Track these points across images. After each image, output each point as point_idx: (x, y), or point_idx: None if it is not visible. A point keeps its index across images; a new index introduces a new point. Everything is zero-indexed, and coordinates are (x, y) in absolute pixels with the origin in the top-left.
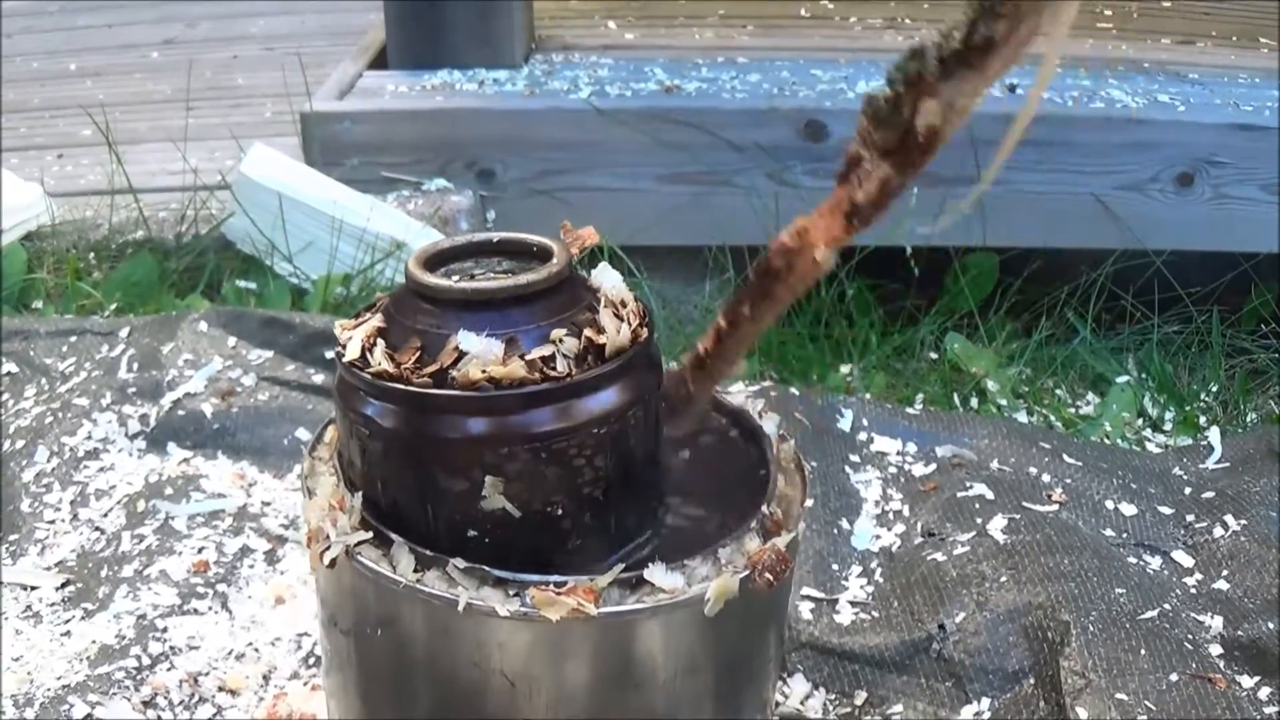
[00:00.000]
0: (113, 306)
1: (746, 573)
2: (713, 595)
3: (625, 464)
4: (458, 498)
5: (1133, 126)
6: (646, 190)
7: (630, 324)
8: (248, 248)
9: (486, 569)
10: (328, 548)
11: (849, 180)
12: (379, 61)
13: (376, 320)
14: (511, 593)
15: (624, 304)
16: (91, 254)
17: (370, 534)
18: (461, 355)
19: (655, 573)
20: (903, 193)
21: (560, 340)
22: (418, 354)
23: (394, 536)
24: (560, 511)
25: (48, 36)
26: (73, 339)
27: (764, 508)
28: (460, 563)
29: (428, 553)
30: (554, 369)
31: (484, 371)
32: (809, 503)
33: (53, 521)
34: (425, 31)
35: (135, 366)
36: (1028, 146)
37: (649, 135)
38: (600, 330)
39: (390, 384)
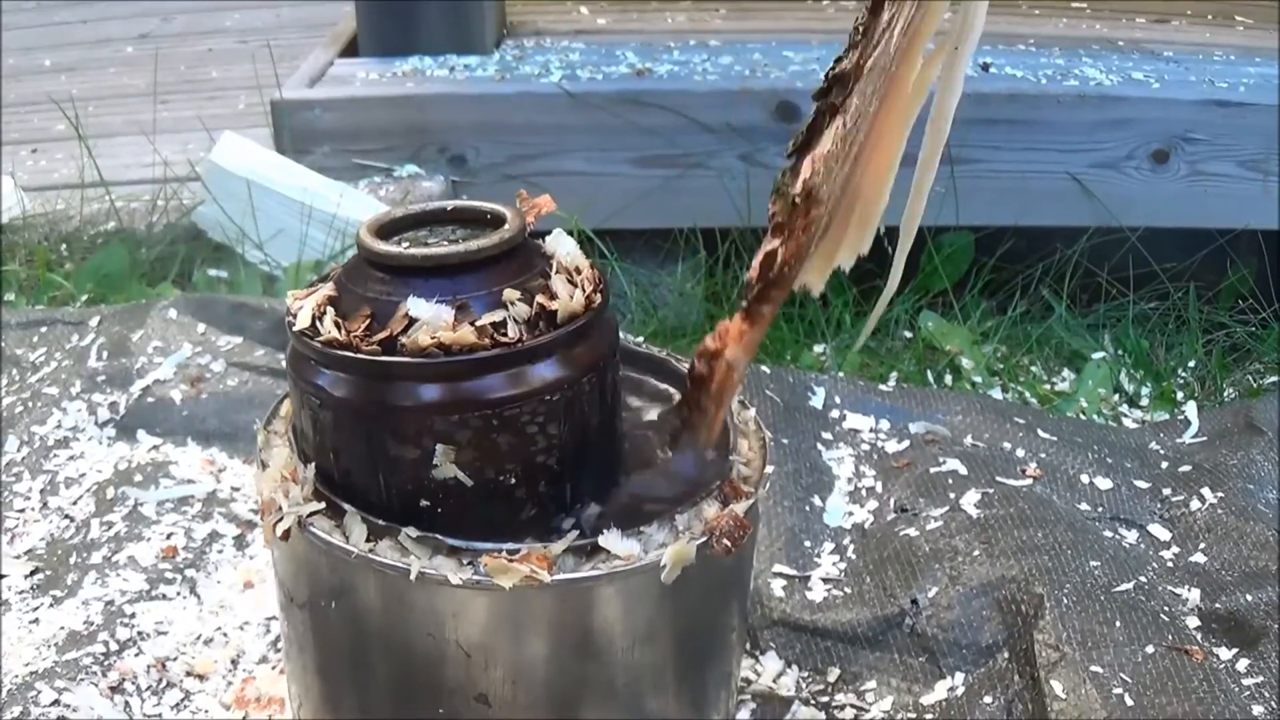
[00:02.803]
0: (84, 297)
1: (704, 539)
2: (669, 562)
3: (580, 432)
4: (409, 466)
5: (1107, 104)
6: (619, 174)
7: (584, 290)
8: (219, 236)
9: (439, 537)
10: (280, 519)
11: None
12: (350, 50)
13: (327, 289)
14: (465, 561)
15: (578, 270)
16: (63, 245)
17: (323, 504)
18: (412, 322)
19: (611, 539)
20: (791, 274)
21: (511, 305)
22: (368, 321)
23: (346, 506)
24: (513, 480)
25: (23, 33)
26: (43, 329)
27: (723, 473)
28: (413, 531)
29: (380, 522)
30: (505, 335)
31: (433, 338)
32: (769, 469)
33: (22, 510)
34: (396, 18)
35: (105, 355)
36: (1002, 125)
37: (621, 119)
38: (553, 296)
39: (340, 352)
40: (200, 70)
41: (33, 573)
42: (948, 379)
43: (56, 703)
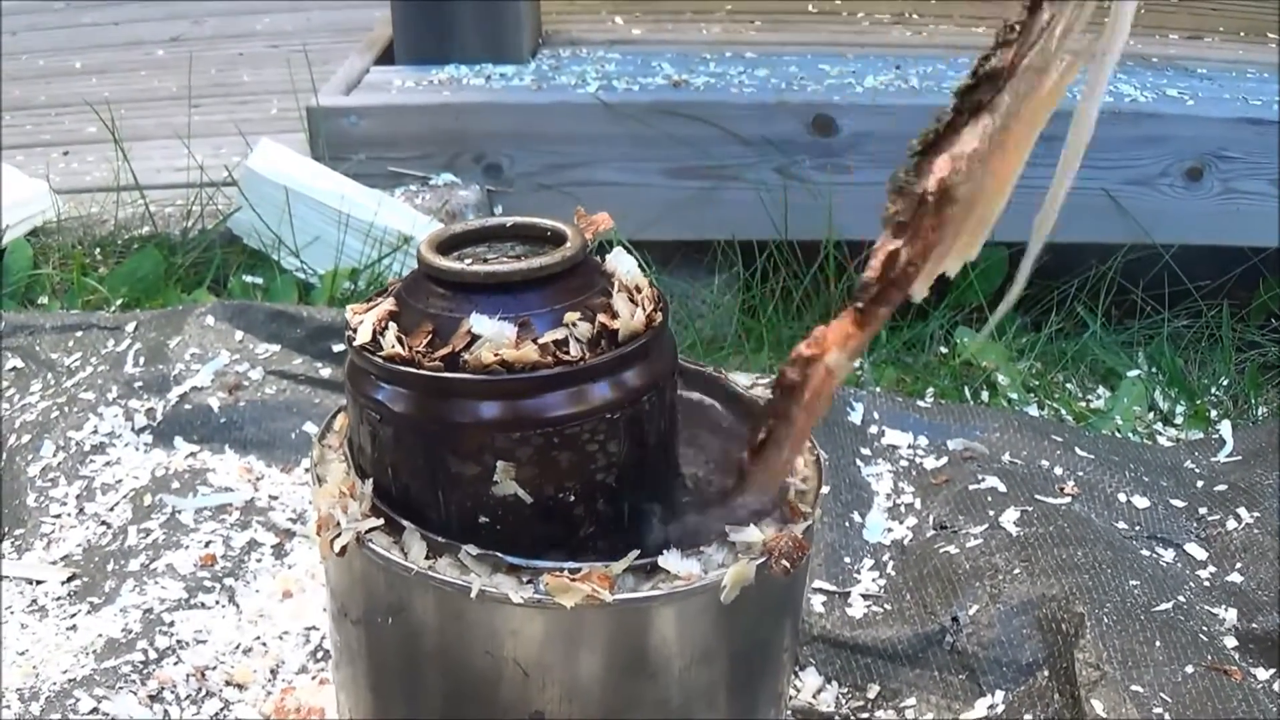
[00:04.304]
0: (118, 301)
1: (763, 559)
2: (729, 582)
3: (639, 451)
4: (469, 483)
5: (1141, 121)
6: (654, 185)
7: (645, 309)
8: (254, 242)
9: (500, 555)
10: (338, 535)
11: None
12: (386, 57)
13: (388, 304)
14: (525, 579)
15: (639, 289)
16: (97, 249)
17: (381, 520)
18: (474, 339)
19: (671, 559)
20: (914, 275)
21: (574, 324)
22: (430, 337)
23: (405, 523)
24: (573, 498)
25: (53, 34)
26: (78, 334)
27: (780, 494)
28: (473, 549)
29: (439, 539)
30: (567, 353)
31: (496, 355)
32: (825, 489)
33: (59, 516)
34: (432, 26)
35: (141, 361)
36: (1037, 141)
37: (656, 129)
38: (614, 315)
39: (402, 368)
40: (231, 74)
41: (70, 579)
42: (984, 395)
43: (95, 711)
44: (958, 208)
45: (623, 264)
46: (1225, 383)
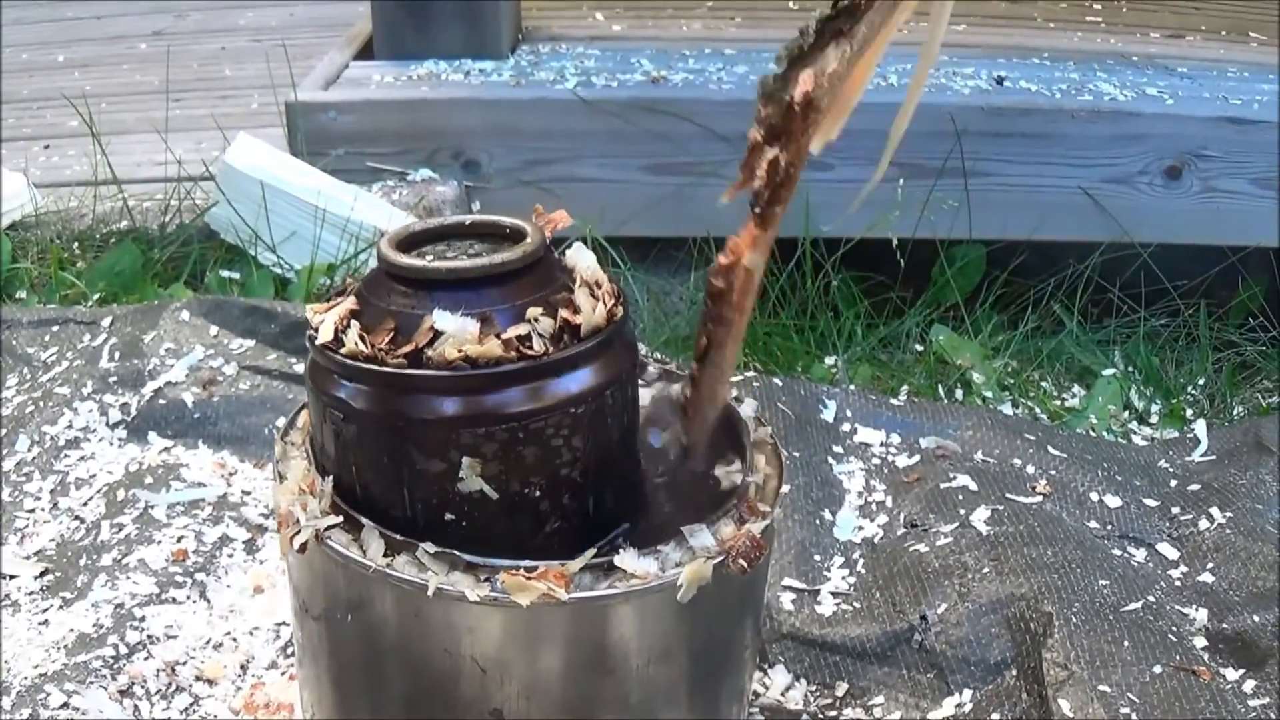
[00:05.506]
0: (96, 296)
1: (720, 558)
2: (686, 581)
3: (602, 445)
4: (435, 480)
5: (1121, 119)
6: (633, 181)
7: (606, 304)
8: (231, 237)
9: (457, 554)
10: (297, 532)
11: (747, 170)
12: (365, 52)
13: (349, 302)
14: (482, 577)
15: (599, 284)
16: (75, 244)
17: (340, 518)
18: (437, 335)
19: (627, 558)
20: (796, 174)
21: (536, 319)
22: (392, 334)
23: (364, 521)
24: (538, 493)
25: (37, 28)
26: (55, 328)
27: (739, 492)
28: (430, 547)
29: (398, 537)
30: (530, 348)
31: (460, 351)
32: (785, 488)
33: (32, 510)
34: (411, 22)
35: (117, 355)
36: (1015, 138)
37: (635, 126)
38: (576, 310)
39: (364, 365)
40: (213, 68)
41: (42, 574)
42: (958, 393)
43: (65, 705)
44: (822, 115)
45: (583, 259)
46: (1202, 382)
